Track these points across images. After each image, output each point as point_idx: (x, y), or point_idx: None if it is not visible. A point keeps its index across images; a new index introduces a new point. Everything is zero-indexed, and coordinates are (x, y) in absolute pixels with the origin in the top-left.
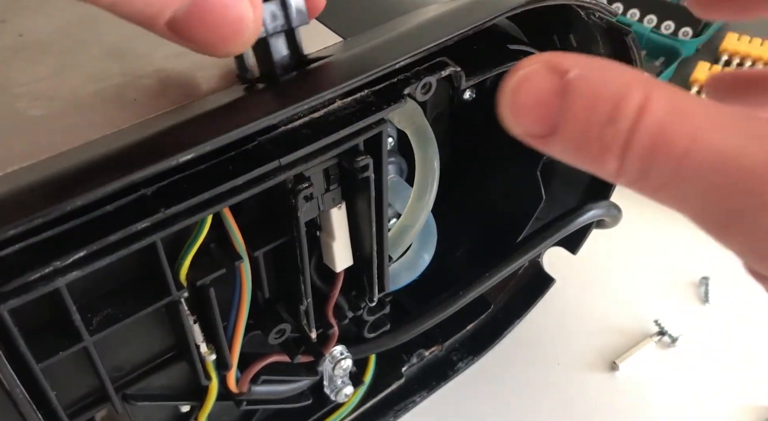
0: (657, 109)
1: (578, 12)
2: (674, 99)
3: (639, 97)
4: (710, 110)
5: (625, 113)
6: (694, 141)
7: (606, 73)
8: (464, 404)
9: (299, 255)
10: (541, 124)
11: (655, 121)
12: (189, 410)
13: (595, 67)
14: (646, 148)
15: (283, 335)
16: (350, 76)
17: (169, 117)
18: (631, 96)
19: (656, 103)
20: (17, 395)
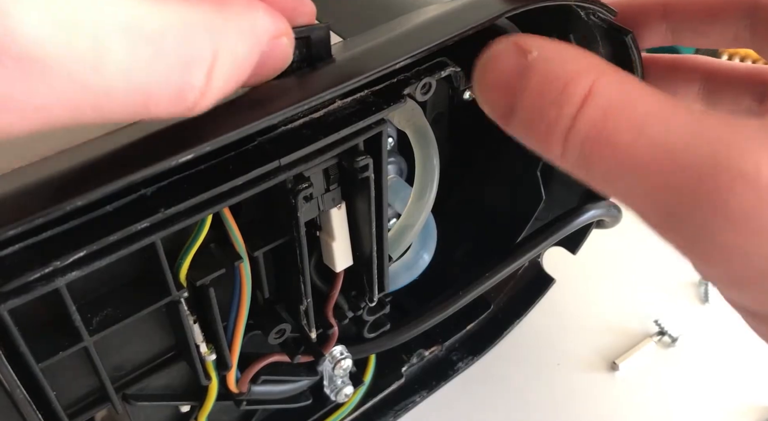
0: (603, 97)
1: (578, 12)
2: (623, 87)
3: (586, 83)
4: (660, 102)
5: (570, 98)
6: (640, 134)
7: (563, 56)
8: (464, 404)
9: (299, 255)
10: (503, 103)
11: (599, 109)
12: (189, 410)
13: (555, 50)
14: (587, 135)
15: (283, 335)
16: (350, 77)
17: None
18: (579, 81)
19: (603, 90)
20: (17, 395)
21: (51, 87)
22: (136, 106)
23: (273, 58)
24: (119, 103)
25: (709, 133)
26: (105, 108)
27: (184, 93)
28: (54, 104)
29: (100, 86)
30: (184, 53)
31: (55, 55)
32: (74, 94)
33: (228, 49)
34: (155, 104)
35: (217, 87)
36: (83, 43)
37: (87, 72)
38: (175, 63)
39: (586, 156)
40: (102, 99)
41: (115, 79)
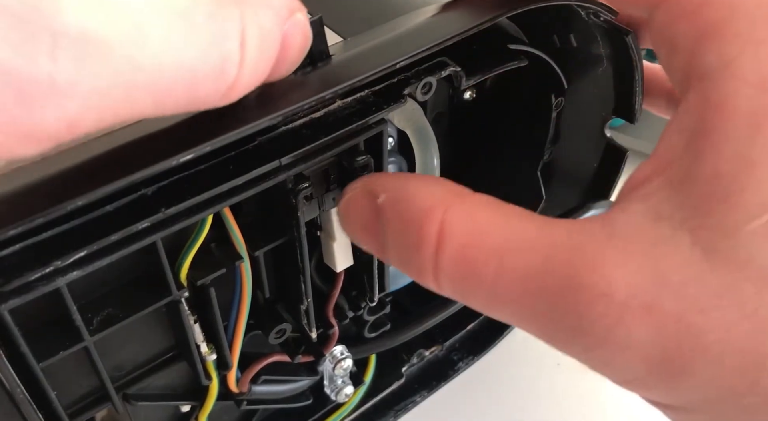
0: (456, 233)
1: (578, 12)
2: (473, 217)
3: (436, 221)
4: (511, 225)
5: (425, 240)
6: (500, 265)
7: (410, 196)
8: (464, 404)
9: (300, 255)
10: (373, 244)
11: (457, 248)
12: (189, 410)
13: (402, 189)
14: (454, 275)
15: (284, 334)
16: (350, 77)
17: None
18: (429, 221)
19: (455, 226)
20: (18, 395)
21: (108, 67)
22: (186, 87)
23: (294, 36)
24: (170, 85)
25: (560, 253)
26: (158, 91)
27: (224, 66)
28: (113, 88)
29: (149, 64)
30: (216, 26)
31: (104, 35)
32: (130, 76)
33: (253, 22)
34: (202, 81)
35: (251, 60)
36: (125, 23)
37: (135, 50)
38: (210, 36)
39: (459, 292)
40: (154, 81)
41: (161, 55)
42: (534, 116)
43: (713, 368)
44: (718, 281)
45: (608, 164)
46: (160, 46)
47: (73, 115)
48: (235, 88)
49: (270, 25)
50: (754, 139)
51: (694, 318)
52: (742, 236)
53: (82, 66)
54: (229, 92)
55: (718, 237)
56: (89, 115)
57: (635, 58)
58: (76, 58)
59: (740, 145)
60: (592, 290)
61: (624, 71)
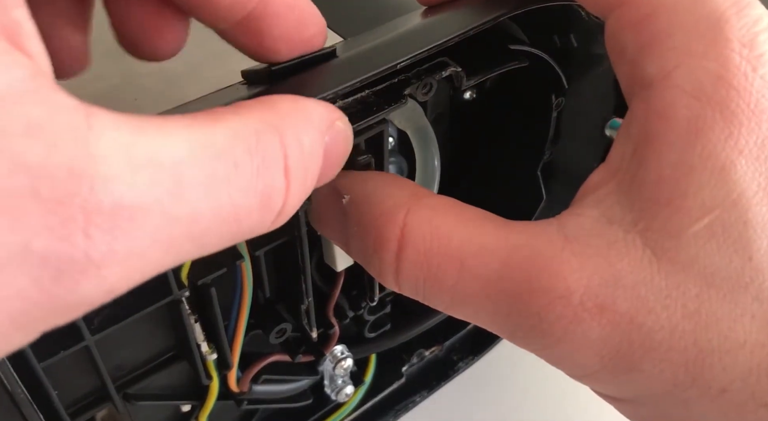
0: (417, 238)
1: (579, 12)
2: (433, 221)
3: (397, 227)
4: (470, 229)
5: (386, 244)
6: (461, 268)
7: (372, 198)
8: (464, 404)
9: (300, 255)
10: (339, 241)
11: (418, 252)
12: (190, 410)
13: (364, 191)
14: (416, 278)
15: (284, 334)
16: (351, 77)
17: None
18: (391, 225)
19: (416, 231)
20: (18, 394)
21: (144, 229)
22: (229, 224)
23: (336, 144)
24: (211, 225)
25: (518, 256)
26: (199, 235)
27: (269, 198)
28: (150, 247)
29: (187, 214)
30: (257, 159)
31: (139, 201)
32: (167, 230)
33: (295, 145)
34: (246, 216)
35: (297, 184)
36: (161, 183)
37: (172, 204)
38: (251, 171)
39: (421, 294)
40: (194, 226)
41: (200, 202)
42: (534, 116)
43: (660, 364)
44: (665, 282)
45: None
46: (198, 194)
47: (112, 282)
48: (283, 214)
49: (312, 143)
50: (693, 145)
51: (644, 318)
52: (685, 239)
53: (118, 235)
54: (277, 219)
55: (664, 239)
56: (129, 277)
57: None
58: (111, 230)
59: (680, 151)
60: (551, 293)
61: None
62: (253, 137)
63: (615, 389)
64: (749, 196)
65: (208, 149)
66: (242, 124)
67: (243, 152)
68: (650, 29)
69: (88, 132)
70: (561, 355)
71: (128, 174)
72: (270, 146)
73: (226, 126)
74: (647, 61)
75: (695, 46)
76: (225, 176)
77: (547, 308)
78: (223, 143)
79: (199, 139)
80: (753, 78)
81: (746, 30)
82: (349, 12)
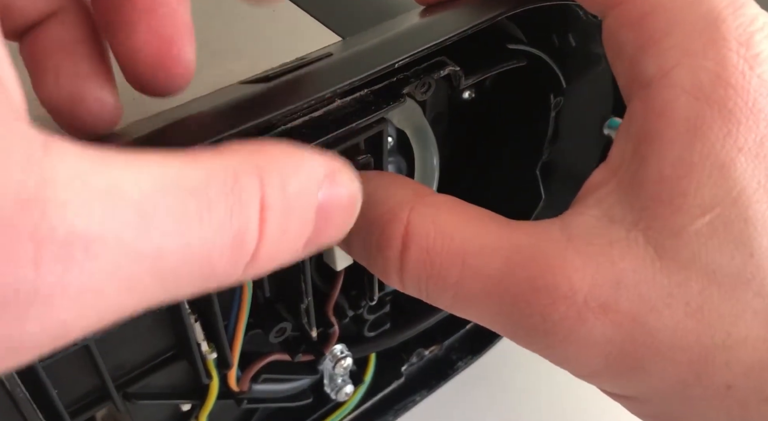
0: (420, 236)
1: (577, 11)
2: (438, 220)
3: (401, 225)
4: (472, 227)
5: (390, 241)
6: (464, 267)
7: (375, 196)
8: (464, 404)
9: None
10: (340, 243)
11: (422, 250)
12: (190, 409)
13: (367, 190)
14: (419, 275)
15: (284, 333)
16: (349, 76)
17: (168, 116)
18: (394, 224)
19: (419, 228)
20: (18, 394)
21: (101, 264)
22: (200, 265)
23: (336, 199)
24: (180, 265)
25: (521, 255)
26: (167, 275)
27: (241, 239)
28: (108, 282)
29: (152, 251)
30: (232, 199)
31: (98, 232)
32: (128, 265)
33: (276, 188)
34: (218, 258)
35: (274, 228)
36: (124, 214)
37: (135, 239)
38: (225, 210)
39: (424, 293)
40: (160, 263)
41: (167, 239)
42: (533, 116)
43: (663, 362)
44: (668, 280)
45: None
46: (166, 230)
47: (61, 322)
48: (257, 261)
49: (299, 190)
50: (693, 143)
51: (646, 317)
52: (687, 237)
53: (70, 267)
54: (251, 266)
55: (665, 238)
56: (84, 317)
57: None
58: (63, 260)
59: (680, 149)
60: (554, 292)
61: None
62: (231, 178)
63: (620, 387)
64: (749, 193)
65: (180, 185)
66: (222, 164)
67: (218, 192)
68: (648, 28)
69: (43, 158)
70: (565, 355)
71: (86, 202)
72: (248, 186)
73: (204, 165)
74: (646, 59)
75: (693, 45)
76: (197, 214)
77: (551, 307)
78: (197, 181)
79: (172, 175)
80: (750, 76)
81: (743, 29)
82: (347, 11)
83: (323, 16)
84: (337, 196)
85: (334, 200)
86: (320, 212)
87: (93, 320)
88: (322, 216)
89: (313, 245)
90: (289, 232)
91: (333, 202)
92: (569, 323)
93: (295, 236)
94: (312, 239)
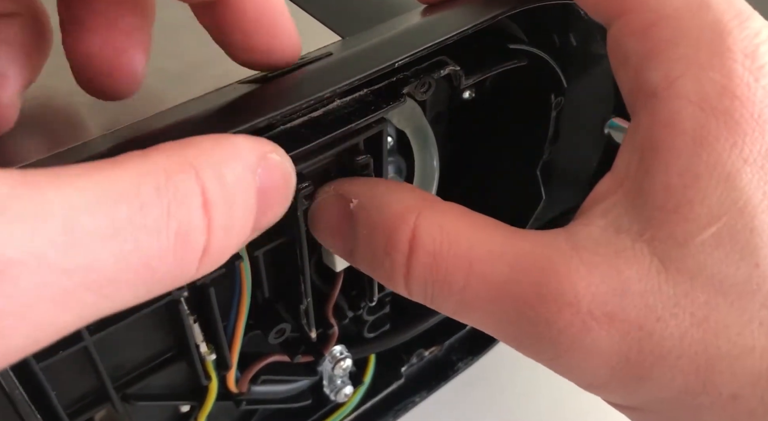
0: (427, 241)
1: (578, 11)
2: (444, 226)
3: (408, 228)
4: (479, 234)
5: (397, 245)
6: (470, 272)
7: (381, 202)
8: (464, 404)
9: (299, 255)
10: (342, 248)
11: (428, 255)
12: (189, 410)
13: (373, 196)
14: (425, 280)
15: (283, 334)
16: (349, 76)
17: (167, 116)
18: (401, 227)
19: (426, 233)
20: (16, 396)
21: (20, 283)
22: (139, 272)
23: (271, 180)
24: (117, 275)
25: (527, 262)
26: (103, 286)
27: (186, 237)
28: (36, 302)
29: (81, 264)
30: (167, 197)
31: (15, 249)
32: (57, 283)
33: (213, 177)
34: (160, 261)
35: (222, 220)
36: (47, 229)
37: (59, 255)
38: (161, 210)
39: (429, 298)
40: (92, 276)
41: (99, 251)
42: (533, 116)
43: (670, 372)
44: (673, 290)
45: (608, 164)
46: (95, 242)
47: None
48: (210, 253)
49: (237, 177)
50: (699, 154)
51: (652, 326)
52: (693, 247)
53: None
54: (204, 261)
55: (671, 248)
56: (9, 337)
57: None
58: None
59: (687, 160)
60: (559, 300)
61: None
62: (162, 176)
63: (625, 398)
64: (755, 203)
65: (106, 194)
66: (149, 165)
67: (149, 193)
68: (654, 38)
69: None
70: (570, 364)
71: (4, 227)
72: (183, 183)
73: (130, 169)
74: (651, 69)
75: (699, 56)
76: (128, 220)
77: (556, 315)
78: (125, 186)
79: (97, 185)
80: (756, 88)
81: (748, 41)
82: (347, 11)
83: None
84: (273, 177)
85: (271, 181)
86: (260, 195)
87: (23, 340)
88: (263, 198)
89: (258, 227)
90: (235, 221)
91: (270, 183)
92: (574, 330)
93: (242, 224)
94: (257, 222)
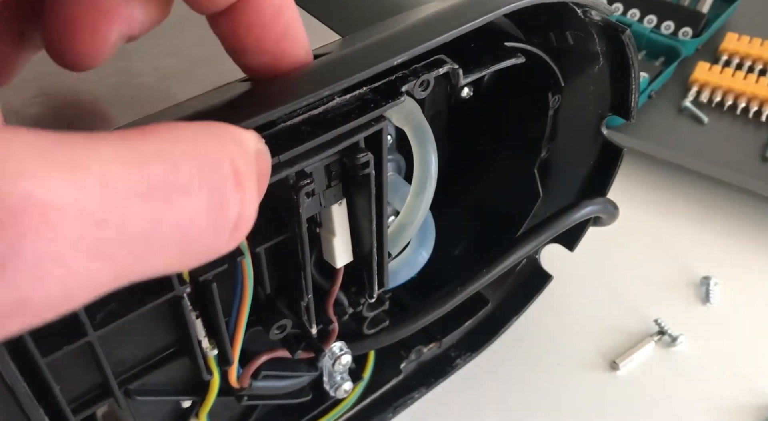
0: None
1: (575, 10)
2: None
3: None
4: None
5: None
6: None
7: None
8: (462, 401)
9: (300, 251)
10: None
11: None
12: (190, 406)
13: None
14: None
15: (284, 330)
16: (348, 74)
17: (167, 115)
18: None
19: None
20: (20, 390)
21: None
22: (172, 231)
23: (265, 165)
24: (150, 231)
25: None
26: (136, 242)
27: (219, 201)
28: (71, 251)
29: (116, 216)
30: (198, 159)
31: (55, 194)
32: (92, 233)
33: (238, 151)
34: (192, 224)
35: (252, 192)
36: (84, 179)
37: (96, 205)
38: (194, 172)
39: None
40: (127, 230)
41: (132, 205)
42: (531, 114)
43: None
44: None
45: (605, 162)
46: (128, 197)
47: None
48: (242, 223)
49: (256, 154)
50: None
51: None
52: None
53: (26, 233)
54: (235, 233)
55: None
56: (44, 289)
57: (631, 55)
58: (15, 226)
59: None
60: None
61: (620, 69)
62: (191, 142)
63: None
64: None
65: (141, 152)
66: (179, 132)
67: (182, 155)
68: None
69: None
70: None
71: (42, 172)
72: (213, 151)
73: (163, 133)
74: None
75: None
76: (162, 178)
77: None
78: (158, 148)
79: (131, 144)
80: None
81: None
82: (346, 10)
83: (322, 14)
84: (264, 166)
85: (262, 170)
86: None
87: (60, 288)
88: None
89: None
90: (258, 192)
91: (264, 166)
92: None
93: (260, 195)
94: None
